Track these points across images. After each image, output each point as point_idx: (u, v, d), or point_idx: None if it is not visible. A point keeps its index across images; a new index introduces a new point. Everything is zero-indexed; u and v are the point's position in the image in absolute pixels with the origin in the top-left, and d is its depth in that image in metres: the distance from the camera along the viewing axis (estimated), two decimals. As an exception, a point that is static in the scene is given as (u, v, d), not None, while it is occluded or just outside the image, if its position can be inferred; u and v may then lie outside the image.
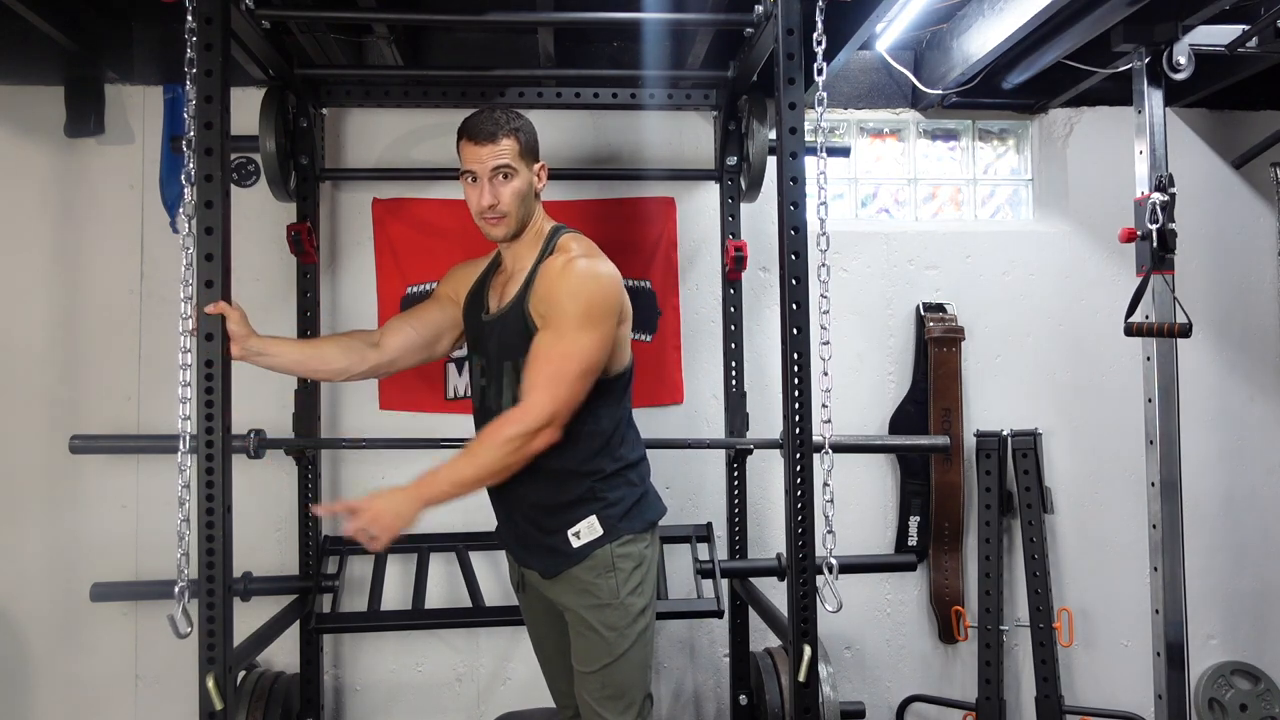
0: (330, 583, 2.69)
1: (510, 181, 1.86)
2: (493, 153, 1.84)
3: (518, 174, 1.87)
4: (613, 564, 1.88)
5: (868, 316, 3.12)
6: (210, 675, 1.86)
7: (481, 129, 1.85)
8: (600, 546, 1.87)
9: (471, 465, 1.78)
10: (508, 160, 1.85)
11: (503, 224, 1.88)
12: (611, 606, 1.87)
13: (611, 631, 1.86)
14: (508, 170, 1.86)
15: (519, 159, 1.87)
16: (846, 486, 2.98)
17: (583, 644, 1.89)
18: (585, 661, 1.89)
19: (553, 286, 1.82)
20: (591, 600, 1.87)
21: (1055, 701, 2.92)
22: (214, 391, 1.89)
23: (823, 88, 2.01)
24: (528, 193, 1.90)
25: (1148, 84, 2.61)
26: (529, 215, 1.93)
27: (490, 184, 1.85)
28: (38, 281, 2.86)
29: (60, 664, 2.84)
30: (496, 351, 1.92)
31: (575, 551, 1.87)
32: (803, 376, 1.96)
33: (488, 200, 1.85)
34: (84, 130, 2.83)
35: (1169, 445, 2.63)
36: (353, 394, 2.93)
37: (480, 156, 1.85)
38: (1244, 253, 3.23)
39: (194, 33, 1.89)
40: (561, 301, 1.80)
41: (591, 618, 1.87)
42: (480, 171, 1.85)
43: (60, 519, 2.84)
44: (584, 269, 1.83)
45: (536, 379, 1.78)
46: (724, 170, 2.88)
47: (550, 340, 1.80)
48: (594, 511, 1.88)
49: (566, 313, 1.79)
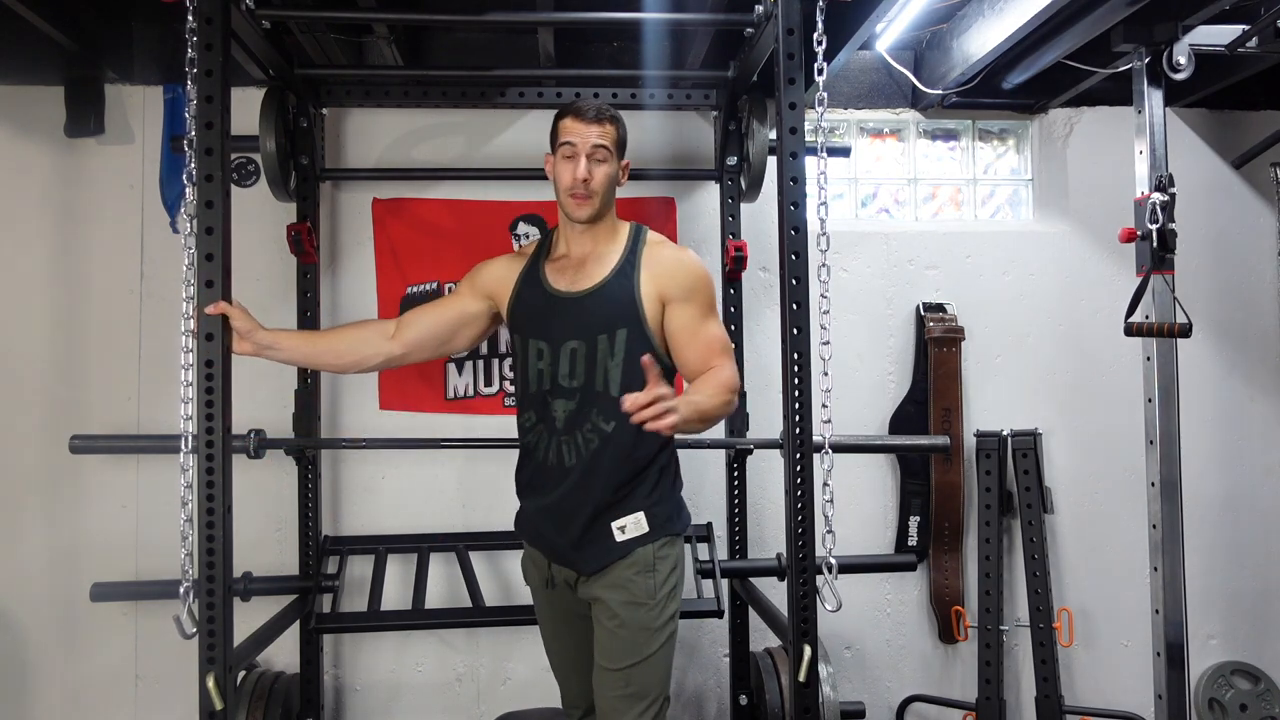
0: (330, 583, 2.69)
1: (604, 165, 1.92)
2: (597, 132, 1.91)
3: (611, 160, 1.94)
4: (653, 564, 1.90)
5: (868, 316, 3.12)
6: (210, 675, 1.86)
7: (588, 108, 1.93)
8: (644, 545, 1.89)
9: (711, 403, 1.82)
10: (607, 143, 1.92)
11: (588, 204, 1.92)
12: (646, 606, 1.87)
13: (643, 631, 1.87)
14: (605, 153, 1.92)
15: (615, 147, 1.95)
16: (846, 486, 2.99)
17: (612, 641, 1.88)
18: (612, 658, 1.88)
19: (679, 271, 1.94)
20: (627, 597, 1.88)
21: (1055, 701, 2.92)
22: (214, 391, 1.89)
23: (823, 88, 2.01)
24: (613, 179, 1.96)
25: (1148, 84, 2.62)
26: (609, 205, 1.98)
27: (588, 160, 1.90)
28: (38, 281, 2.86)
29: (60, 664, 2.84)
30: (575, 327, 1.92)
31: (618, 546, 1.89)
32: (803, 376, 1.97)
33: (583, 174, 1.89)
34: (84, 130, 2.83)
35: (1169, 445, 2.64)
36: (353, 394, 2.93)
37: (584, 132, 1.91)
38: (1244, 253, 3.23)
39: (194, 33, 1.90)
40: (697, 287, 1.94)
41: (625, 615, 1.87)
42: (581, 146, 1.90)
43: (60, 519, 2.84)
44: (701, 263, 1.98)
45: (714, 347, 1.93)
46: (724, 170, 2.88)
47: (700, 317, 1.93)
48: (644, 508, 1.90)
49: (705, 298, 1.95)
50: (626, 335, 1.90)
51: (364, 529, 2.92)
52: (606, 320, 1.91)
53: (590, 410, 1.90)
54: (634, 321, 1.90)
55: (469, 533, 2.85)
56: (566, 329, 1.93)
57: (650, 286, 1.92)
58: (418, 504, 2.95)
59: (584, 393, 1.90)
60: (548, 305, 1.97)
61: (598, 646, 1.92)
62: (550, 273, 2.01)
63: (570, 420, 1.91)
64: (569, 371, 1.91)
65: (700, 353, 1.92)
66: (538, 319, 1.98)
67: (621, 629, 1.87)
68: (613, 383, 1.89)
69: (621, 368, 1.89)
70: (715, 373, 1.89)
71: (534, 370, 1.96)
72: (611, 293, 1.92)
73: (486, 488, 2.94)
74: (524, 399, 2.00)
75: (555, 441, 1.92)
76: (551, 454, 1.93)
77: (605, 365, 1.89)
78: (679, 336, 1.93)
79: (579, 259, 1.98)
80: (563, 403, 1.92)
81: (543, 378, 1.94)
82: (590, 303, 1.93)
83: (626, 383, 1.87)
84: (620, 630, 1.87)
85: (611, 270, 1.94)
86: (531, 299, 2.01)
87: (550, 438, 1.93)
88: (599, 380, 1.90)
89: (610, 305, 1.91)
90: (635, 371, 1.83)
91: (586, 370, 1.91)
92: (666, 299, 1.92)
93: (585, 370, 1.91)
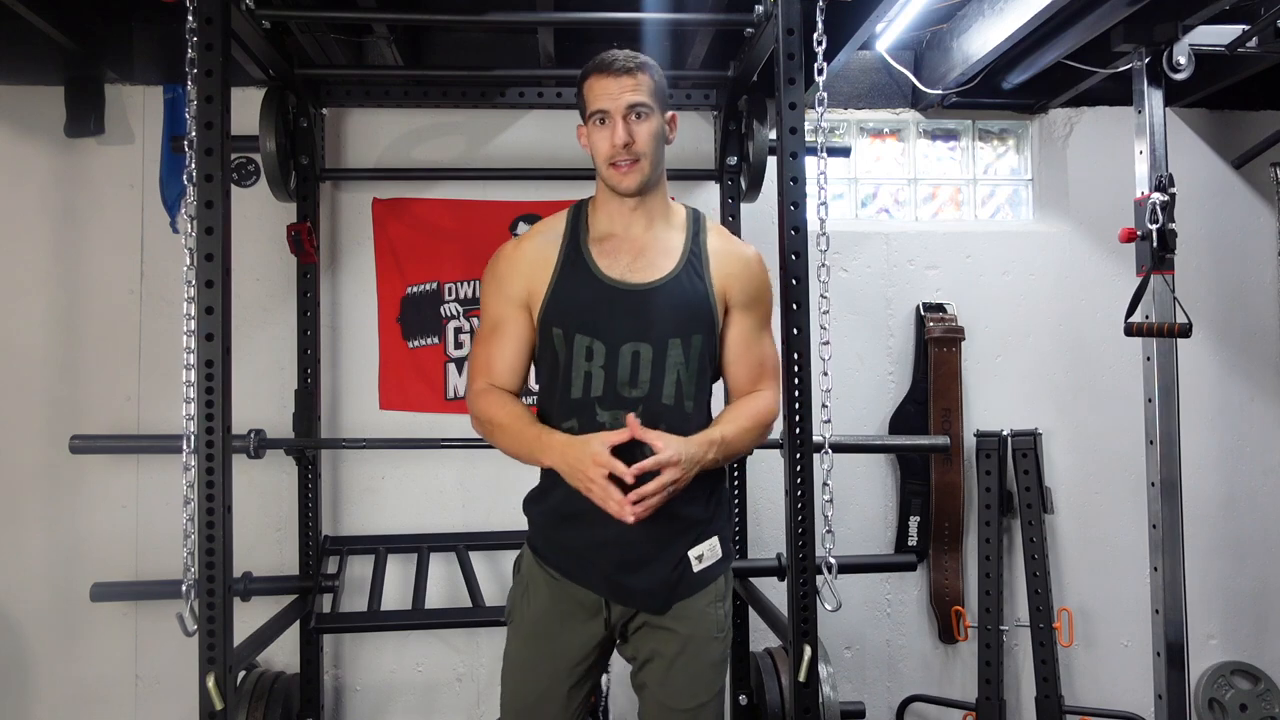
0: (330, 583, 2.69)
1: (647, 121, 1.64)
2: (630, 85, 1.62)
3: (654, 113, 1.65)
4: (725, 592, 1.73)
5: (868, 316, 3.12)
6: (210, 675, 1.86)
7: (615, 61, 1.64)
8: (719, 573, 1.71)
9: (741, 441, 1.67)
10: (644, 97, 1.63)
11: (636, 170, 1.64)
12: (718, 640, 1.71)
13: (714, 669, 1.71)
14: (644, 108, 1.64)
15: (655, 98, 1.66)
16: (846, 486, 2.99)
17: (683, 680, 1.69)
18: (680, 698, 1.68)
19: (746, 273, 1.73)
20: (700, 631, 1.68)
21: (1055, 701, 2.92)
22: (214, 391, 1.88)
23: (823, 88, 2.01)
24: (660, 137, 1.68)
25: (1148, 84, 2.62)
26: (660, 170, 1.70)
27: (625, 122, 1.63)
28: (38, 281, 2.86)
29: (60, 664, 2.84)
30: (640, 326, 1.64)
31: (696, 577, 1.68)
32: (803, 376, 1.96)
33: (621, 137, 1.61)
34: (84, 130, 2.83)
35: (1169, 445, 2.64)
36: (353, 394, 2.93)
37: (612, 91, 1.63)
38: (1244, 253, 3.23)
39: (194, 33, 1.89)
40: (762, 296, 1.76)
41: (697, 650, 1.68)
42: (613, 109, 1.63)
43: (60, 519, 2.84)
44: (766, 266, 1.79)
45: (766, 367, 1.76)
46: (724, 170, 2.88)
47: (758, 328, 1.75)
48: (716, 531, 1.71)
49: (767, 308, 1.78)
50: (702, 342, 1.67)
51: (364, 529, 2.92)
52: (680, 323, 1.65)
53: (656, 425, 1.60)
54: (709, 327, 1.68)
55: (469, 533, 2.85)
56: (628, 328, 1.64)
57: (719, 286, 1.70)
58: (418, 504, 2.95)
59: (648, 404, 1.63)
60: (602, 296, 1.67)
61: (665, 688, 1.70)
62: (598, 256, 1.70)
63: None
64: (629, 378, 1.64)
65: (751, 371, 1.74)
66: (588, 311, 1.67)
67: (691, 664, 1.68)
68: (687, 396, 1.66)
69: (695, 380, 1.66)
70: (754, 400, 1.71)
71: (580, 372, 1.65)
72: (683, 290, 1.67)
73: (486, 488, 2.94)
74: (562, 404, 1.67)
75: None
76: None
77: (678, 375, 1.64)
78: (733, 348, 1.72)
79: (635, 242, 1.70)
80: (620, 414, 1.61)
81: (592, 382, 1.64)
82: (660, 299, 1.66)
83: (699, 397, 1.68)
84: (690, 666, 1.68)
85: (679, 261, 1.69)
86: (578, 287, 1.68)
87: None
88: (668, 392, 1.64)
89: (683, 305, 1.66)
90: (705, 385, 1.69)
91: (653, 378, 1.64)
92: (730, 302, 1.71)
93: (652, 378, 1.64)
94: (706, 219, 1.80)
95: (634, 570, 1.66)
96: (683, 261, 1.69)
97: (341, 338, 2.96)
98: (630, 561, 1.65)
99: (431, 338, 2.96)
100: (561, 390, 1.68)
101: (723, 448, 1.62)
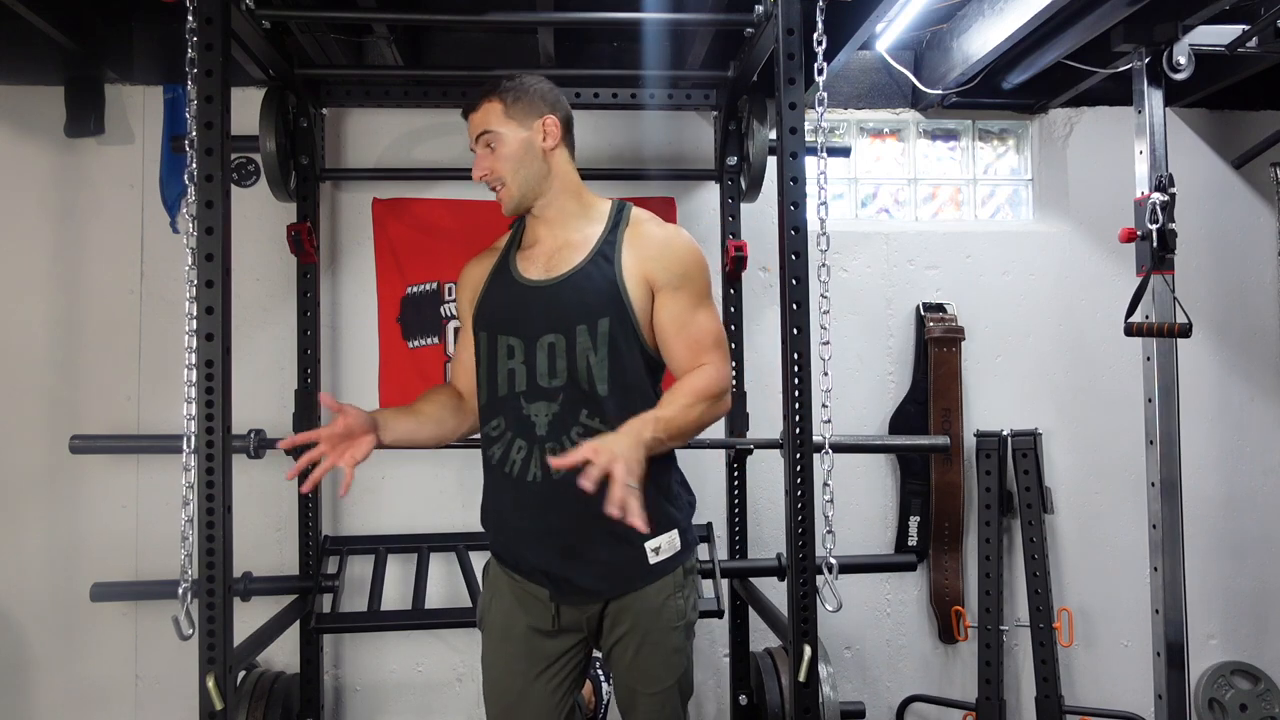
0: (330, 583, 2.69)
1: (499, 147, 1.75)
2: (474, 122, 1.78)
3: (505, 136, 1.74)
4: (684, 582, 1.77)
5: (868, 316, 3.12)
6: (210, 675, 1.86)
7: (467, 103, 1.80)
8: (677, 565, 1.75)
9: (685, 418, 1.66)
10: (490, 125, 1.75)
11: (505, 193, 1.77)
12: (678, 629, 1.76)
13: (677, 654, 1.77)
14: (492, 136, 1.75)
15: (504, 120, 1.75)
16: (846, 486, 2.99)
17: (646, 666, 1.76)
18: (648, 684, 1.77)
19: (666, 253, 1.73)
20: (664, 623, 1.74)
21: (1055, 701, 2.92)
22: (214, 391, 1.88)
23: (823, 88, 2.01)
24: (524, 153, 1.75)
25: (1148, 84, 2.62)
26: (538, 175, 1.77)
27: (480, 156, 1.77)
28: (38, 282, 2.86)
29: (60, 664, 2.84)
30: (550, 319, 1.71)
31: (652, 569, 1.72)
32: (803, 376, 1.96)
33: (477, 173, 1.77)
34: (84, 130, 2.83)
35: (1169, 445, 2.64)
36: (353, 394, 2.93)
37: (469, 131, 1.79)
38: (1244, 253, 3.23)
39: (194, 33, 1.89)
40: (689, 272, 1.74)
41: (662, 640, 1.75)
42: (474, 146, 1.79)
43: (60, 519, 2.84)
44: (693, 243, 1.78)
45: (704, 342, 1.74)
46: (724, 170, 2.88)
47: (691, 306, 1.74)
48: (675, 524, 1.75)
49: (698, 284, 1.75)
50: (609, 325, 1.69)
51: (364, 529, 2.92)
52: (585, 309, 1.70)
53: (578, 411, 1.68)
54: (617, 308, 1.70)
55: (469, 533, 2.85)
56: (541, 321, 1.72)
57: (636, 269, 1.72)
58: (418, 504, 2.95)
59: (568, 392, 1.69)
60: (518, 297, 1.76)
61: (631, 671, 1.77)
62: (521, 262, 1.81)
63: (555, 424, 1.68)
64: (548, 369, 1.70)
65: (689, 347, 1.73)
66: (507, 312, 1.77)
67: (655, 653, 1.75)
68: (599, 379, 1.68)
69: (607, 363, 1.69)
70: (694, 376, 1.71)
71: (504, 369, 1.73)
72: (589, 278, 1.72)
73: (486, 488, 2.94)
74: (491, 404, 1.76)
75: (538, 451, 1.69)
76: (534, 467, 1.69)
77: (588, 360, 1.68)
78: (668, 328, 1.73)
79: (552, 244, 1.79)
80: (544, 405, 1.69)
81: (515, 378, 1.72)
82: (565, 290, 1.72)
83: (614, 379, 1.69)
84: (654, 654, 1.75)
85: (589, 253, 1.74)
86: (500, 291, 1.80)
87: (530, 448, 1.69)
88: (583, 377, 1.69)
89: (588, 292, 1.71)
90: (621, 366, 1.70)
91: (569, 366, 1.69)
92: (655, 285, 1.73)
93: (567, 366, 1.69)
94: (633, 210, 1.82)
95: (575, 557, 1.71)
96: (593, 252, 1.75)
97: (341, 338, 2.96)
98: (570, 548, 1.71)
99: (431, 338, 2.97)
100: (489, 390, 1.77)
101: (663, 425, 1.62)
